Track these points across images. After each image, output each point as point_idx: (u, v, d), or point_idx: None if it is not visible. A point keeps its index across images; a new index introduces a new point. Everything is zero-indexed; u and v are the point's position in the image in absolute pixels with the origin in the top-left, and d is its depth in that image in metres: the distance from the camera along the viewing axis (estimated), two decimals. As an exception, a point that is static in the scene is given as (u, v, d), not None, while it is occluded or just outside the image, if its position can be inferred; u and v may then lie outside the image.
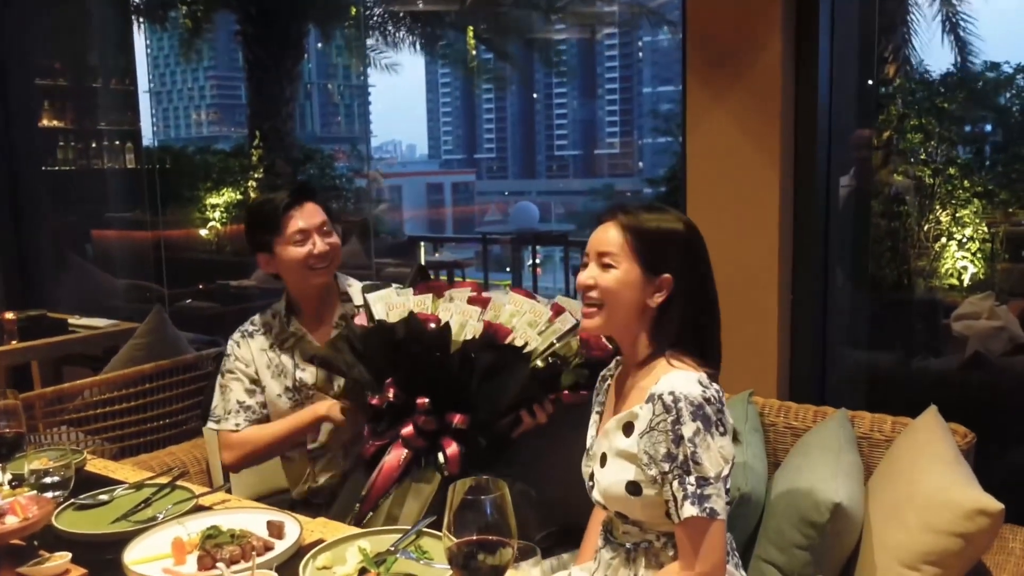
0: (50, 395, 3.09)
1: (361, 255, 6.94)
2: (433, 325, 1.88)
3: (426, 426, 1.86)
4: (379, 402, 1.90)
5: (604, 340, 1.89)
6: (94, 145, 8.13)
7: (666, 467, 1.48)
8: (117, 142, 7.85)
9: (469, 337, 1.87)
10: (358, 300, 2.25)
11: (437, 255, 8.44)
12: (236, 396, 2.24)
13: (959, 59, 5.71)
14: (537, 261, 9.14)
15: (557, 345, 1.92)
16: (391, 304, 1.99)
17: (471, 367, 1.85)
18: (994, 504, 1.67)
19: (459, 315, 1.91)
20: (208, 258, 8.18)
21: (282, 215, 2.19)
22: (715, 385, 1.53)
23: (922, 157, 4.77)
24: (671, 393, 1.48)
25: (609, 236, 1.59)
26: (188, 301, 5.93)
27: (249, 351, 2.27)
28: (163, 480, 1.93)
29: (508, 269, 9.16)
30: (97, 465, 2.10)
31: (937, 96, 5.07)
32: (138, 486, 1.91)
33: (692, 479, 1.46)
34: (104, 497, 1.85)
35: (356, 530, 1.67)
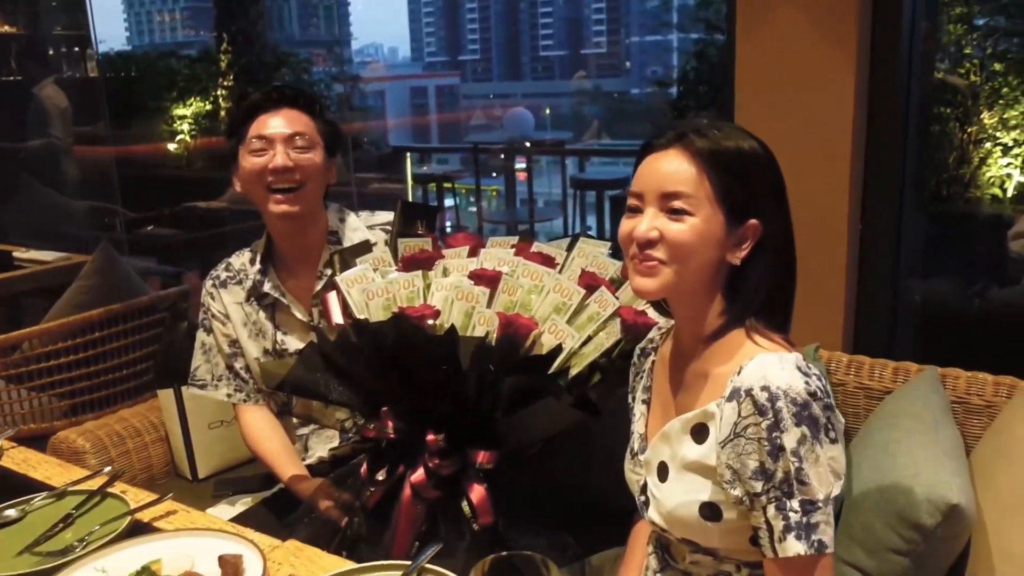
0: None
1: (341, 171, 6.42)
2: (432, 322, 1.40)
3: (441, 470, 1.40)
4: (375, 433, 1.44)
5: (647, 314, 1.44)
6: (51, 53, 7.49)
7: (758, 487, 1.08)
8: (76, 49, 7.21)
9: (480, 333, 1.38)
10: (354, 239, 1.84)
11: (424, 168, 7.90)
12: (222, 360, 1.93)
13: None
14: (521, 166, 8.60)
15: (598, 337, 1.42)
16: (371, 290, 1.49)
17: (493, 390, 1.36)
18: None
19: (461, 302, 1.42)
20: (177, 176, 7.60)
21: (246, 116, 1.80)
22: (815, 370, 1.12)
23: (966, 51, 4.26)
24: (765, 388, 1.07)
25: (679, 169, 1.14)
26: (150, 228, 5.42)
27: (223, 304, 1.90)
28: (92, 485, 1.52)
29: (495, 175, 8.58)
30: (15, 458, 1.69)
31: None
32: (60, 494, 1.50)
33: (795, 503, 1.07)
34: (13, 513, 1.44)
35: (342, 565, 1.27)
